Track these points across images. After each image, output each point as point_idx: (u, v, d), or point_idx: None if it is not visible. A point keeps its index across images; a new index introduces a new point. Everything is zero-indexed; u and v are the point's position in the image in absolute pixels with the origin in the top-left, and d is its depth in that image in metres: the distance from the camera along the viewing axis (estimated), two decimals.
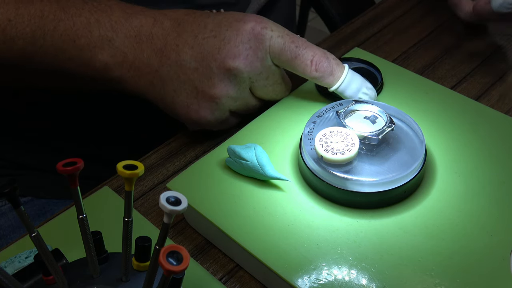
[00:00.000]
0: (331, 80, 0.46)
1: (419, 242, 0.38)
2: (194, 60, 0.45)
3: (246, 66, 0.44)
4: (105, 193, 0.46)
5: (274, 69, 0.47)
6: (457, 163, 0.43)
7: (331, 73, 0.46)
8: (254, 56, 0.45)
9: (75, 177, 0.30)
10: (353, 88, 0.47)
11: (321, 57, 0.45)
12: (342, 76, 0.46)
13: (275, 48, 0.45)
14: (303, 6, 1.04)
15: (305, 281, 0.36)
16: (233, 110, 0.48)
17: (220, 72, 0.44)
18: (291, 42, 0.45)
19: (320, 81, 0.46)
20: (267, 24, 0.45)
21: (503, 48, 0.61)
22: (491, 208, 0.40)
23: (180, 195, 0.27)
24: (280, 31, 0.45)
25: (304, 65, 0.45)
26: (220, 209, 0.40)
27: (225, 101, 0.46)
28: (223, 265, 0.42)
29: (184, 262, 0.26)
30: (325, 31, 0.95)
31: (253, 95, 0.48)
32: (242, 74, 0.45)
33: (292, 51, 0.45)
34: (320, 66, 0.45)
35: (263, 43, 0.44)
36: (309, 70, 0.45)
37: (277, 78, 0.47)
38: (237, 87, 0.46)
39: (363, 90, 0.47)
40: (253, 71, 0.45)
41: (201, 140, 0.52)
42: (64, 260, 0.33)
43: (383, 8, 0.68)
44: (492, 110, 0.48)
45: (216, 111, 0.47)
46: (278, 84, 0.48)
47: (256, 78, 0.46)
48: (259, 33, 0.44)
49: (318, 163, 0.40)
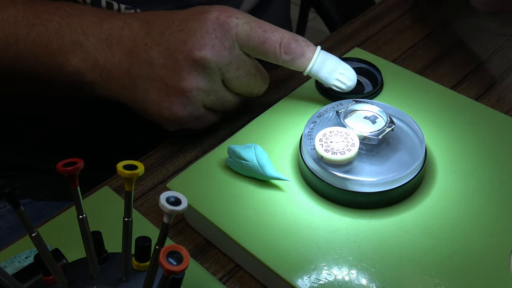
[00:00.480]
0: (303, 61, 0.45)
1: (419, 242, 0.38)
2: (162, 56, 0.44)
3: (213, 56, 0.44)
4: (105, 193, 0.46)
5: (244, 58, 0.46)
6: (457, 163, 0.43)
7: (302, 54, 0.45)
8: (221, 45, 0.44)
9: (75, 177, 0.30)
10: (328, 69, 0.45)
11: (289, 39, 0.44)
12: (314, 56, 0.45)
13: (242, 35, 0.44)
14: (303, 6, 1.04)
15: (305, 281, 0.36)
16: (208, 105, 0.47)
17: (187, 64, 0.44)
18: (258, 27, 0.44)
19: (292, 64, 0.45)
20: (232, 13, 0.44)
21: (503, 48, 0.61)
22: (491, 208, 0.40)
23: (180, 195, 0.27)
24: (246, 18, 0.44)
25: (273, 48, 0.44)
26: (220, 209, 0.40)
27: (196, 94, 0.45)
28: (223, 265, 0.42)
29: (184, 262, 0.26)
30: (325, 31, 0.95)
31: (228, 89, 0.47)
32: (210, 64, 0.44)
33: (259, 36, 0.44)
34: (289, 47, 0.44)
35: (229, 31, 0.44)
36: (278, 53, 0.44)
37: (249, 69, 0.46)
38: (207, 79, 0.45)
39: (339, 71, 0.46)
40: (221, 61, 0.44)
41: (201, 140, 0.52)
42: (64, 260, 0.33)
43: (383, 8, 0.68)
44: (492, 110, 0.48)
45: (188, 106, 0.45)
46: (252, 76, 0.47)
47: (226, 68, 0.45)
48: (224, 21, 0.44)
49: (318, 163, 0.40)
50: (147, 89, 0.45)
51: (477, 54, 0.60)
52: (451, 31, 0.64)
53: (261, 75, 0.48)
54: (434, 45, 0.62)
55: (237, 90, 0.47)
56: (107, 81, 0.46)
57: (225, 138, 0.47)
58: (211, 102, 0.47)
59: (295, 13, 1.07)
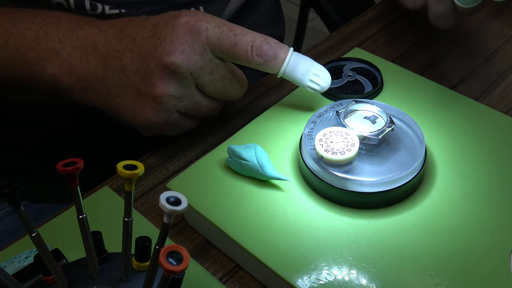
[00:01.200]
0: (276, 63, 0.45)
1: (419, 242, 0.38)
2: (134, 62, 0.44)
3: (183, 61, 0.43)
4: (105, 193, 0.46)
5: (217, 62, 0.45)
6: (457, 163, 0.43)
7: (274, 56, 0.44)
8: (191, 49, 0.43)
9: (75, 177, 0.30)
10: (301, 70, 0.45)
11: (261, 42, 0.44)
12: (286, 58, 0.45)
13: (212, 38, 0.44)
14: (303, 6, 1.04)
15: (305, 281, 0.36)
16: (183, 111, 0.46)
17: (158, 70, 0.44)
18: (228, 30, 0.44)
19: (265, 66, 0.45)
20: (202, 17, 0.44)
21: (503, 48, 0.61)
22: (491, 208, 0.40)
23: (180, 195, 0.27)
24: (216, 22, 0.44)
25: (245, 51, 0.44)
26: (220, 209, 0.40)
27: (167, 100, 0.44)
28: (223, 265, 0.42)
29: (184, 262, 0.26)
30: (325, 31, 0.95)
31: (203, 94, 0.47)
32: (180, 70, 0.43)
33: (230, 39, 0.44)
34: (261, 50, 0.44)
35: (199, 35, 0.44)
36: (250, 56, 0.44)
37: (224, 73, 0.45)
38: (179, 85, 0.44)
39: (313, 71, 0.45)
40: (191, 66, 0.44)
41: (201, 140, 0.52)
42: (64, 260, 0.33)
43: (383, 8, 0.68)
44: (492, 110, 0.48)
45: (160, 111, 0.45)
46: (227, 80, 0.46)
47: (198, 73, 0.44)
48: (194, 26, 0.44)
49: (318, 163, 0.40)
50: (121, 95, 0.46)
51: (477, 54, 0.60)
52: (451, 31, 0.64)
53: (237, 78, 0.47)
54: (434, 45, 0.62)
55: (213, 94, 0.47)
56: (83, 88, 0.46)
57: (225, 138, 0.47)
58: (185, 108, 0.46)
59: (295, 13, 1.07)
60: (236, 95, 0.48)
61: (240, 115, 0.53)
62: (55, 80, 0.46)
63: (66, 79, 0.46)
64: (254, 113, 0.50)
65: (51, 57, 0.46)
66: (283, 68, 0.45)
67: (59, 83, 0.46)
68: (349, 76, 0.51)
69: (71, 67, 0.46)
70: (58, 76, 0.46)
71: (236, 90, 0.47)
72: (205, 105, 0.47)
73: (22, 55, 0.46)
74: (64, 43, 0.46)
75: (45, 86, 0.47)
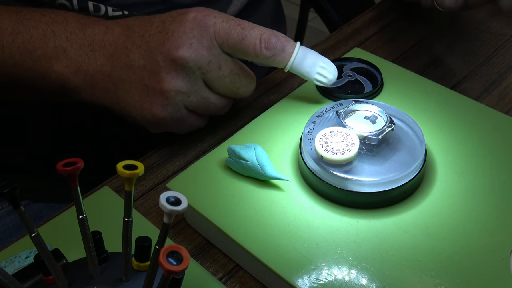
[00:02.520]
0: (283, 57, 0.45)
1: (419, 242, 0.38)
2: (142, 58, 0.44)
3: (191, 55, 0.43)
4: (105, 193, 0.46)
5: (225, 57, 0.45)
6: (457, 163, 0.43)
7: (282, 49, 0.45)
8: (199, 44, 0.43)
9: (75, 177, 0.30)
10: (308, 63, 0.45)
11: (269, 35, 0.44)
12: (294, 51, 0.45)
13: (220, 33, 0.44)
14: (303, 6, 1.04)
15: (305, 281, 0.36)
16: (190, 107, 0.46)
17: (166, 64, 0.44)
18: (236, 25, 0.44)
19: (273, 60, 0.45)
20: (210, 12, 0.44)
21: (503, 48, 0.61)
22: (491, 208, 0.40)
23: (180, 195, 0.27)
24: (224, 17, 0.44)
25: (253, 45, 0.44)
26: (220, 209, 0.40)
27: (175, 94, 0.44)
28: (223, 265, 0.42)
29: (184, 262, 0.26)
30: (325, 31, 0.95)
31: (212, 90, 0.46)
32: (188, 64, 0.43)
33: (238, 33, 0.44)
34: (269, 43, 0.44)
35: (207, 30, 0.44)
36: (259, 49, 0.44)
37: (232, 68, 0.45)
38: (187, 79, 0.44)
39: (320, 64, 0.46)
40: (199, 60, 0.44)
41: (201, 140, 0.52)
42: (64, 260, 0.33)
43: (383, 8, 0.68)
44: (492, 110, 0.48)
45: (168, 107, 0.45)
46: (235, 75, 0.46)
47: (206, 68, 0.44)
48: (202, 20, 0.44)
49: (318, 163, 0.40)
50: (128, 91, 0.45)
51: (477, 54, 0.60)
52: (451, 31, 0.64)
53: (246, 74, 0.47)
54: (434, 45, 0.62)
55: (221, 91, 0.47)
56: (90, 86, 0.46)
57: (225, 138, 0.47)
58: (192, 104, 0.46)
59: (295, 13, 1.07)
60: (244, 92, 0.48)
61: (240, 115, 0.53)
62: (62, 78, 0.46)
63: (73, 77, 0.46)
64: (254, 113, 0.50)
65: (58, 55, 0.46)
66: (291, 61, 0.45)
67: (66, 81, 0.46)
68: (349, 76, 0.51)
69: (78, 65, 0.46)
70: (65, 74, 0.46)
71: (245, 87, 0.47)
72: (213, 102, 0.47)
73: (29, 53, 0.46)
74: (71, 41, 0.46)
75: (52, 84, 0.47)
